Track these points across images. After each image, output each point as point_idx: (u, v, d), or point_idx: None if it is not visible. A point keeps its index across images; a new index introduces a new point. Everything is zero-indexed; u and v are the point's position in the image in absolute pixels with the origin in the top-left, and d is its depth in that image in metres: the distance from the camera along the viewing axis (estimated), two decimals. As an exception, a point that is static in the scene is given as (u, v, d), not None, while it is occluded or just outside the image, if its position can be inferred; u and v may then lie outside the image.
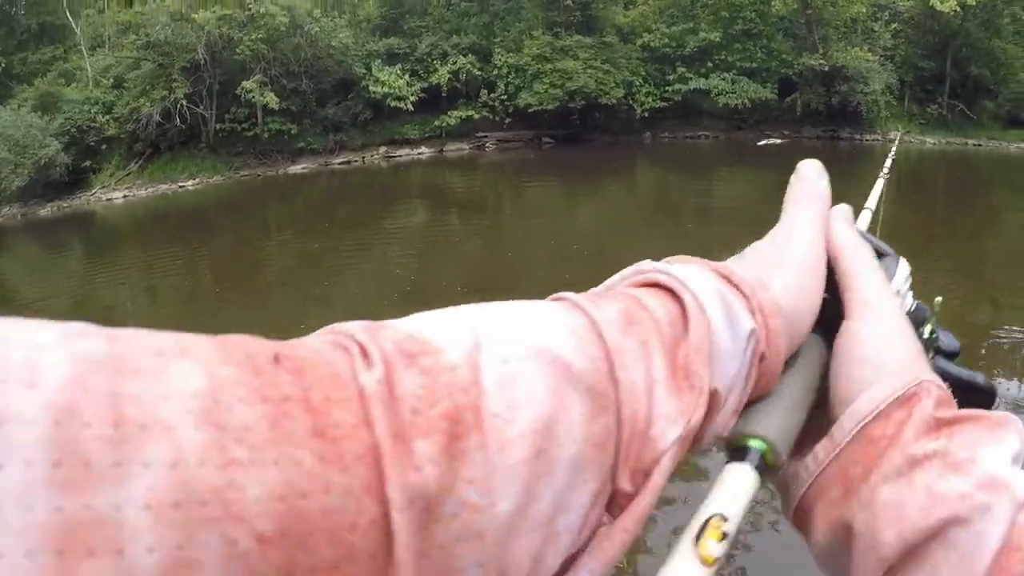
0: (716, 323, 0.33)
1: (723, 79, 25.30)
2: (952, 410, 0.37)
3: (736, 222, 13.33)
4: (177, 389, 0.20)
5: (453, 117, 24.85)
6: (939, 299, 0.53)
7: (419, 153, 25.16)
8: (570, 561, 0.28)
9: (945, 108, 27.62)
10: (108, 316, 9.81)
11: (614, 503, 0.30)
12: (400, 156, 25.04)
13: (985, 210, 16.22)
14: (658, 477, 0.30)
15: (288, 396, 0.21)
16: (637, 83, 25.31)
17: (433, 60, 24.94)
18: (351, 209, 18.19)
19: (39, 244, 19.27)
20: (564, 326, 0.30)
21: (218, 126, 24.20)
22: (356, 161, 24.88)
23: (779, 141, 25.34)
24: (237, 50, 23.83)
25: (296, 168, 24.31)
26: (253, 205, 20.65)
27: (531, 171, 22.98)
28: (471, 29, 26.06)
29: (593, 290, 0.37)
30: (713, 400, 0.32)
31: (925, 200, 18.12)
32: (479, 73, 24.93)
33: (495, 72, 25.08)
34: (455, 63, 24.67)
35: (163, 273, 12.82)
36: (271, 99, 23.21)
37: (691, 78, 25.29)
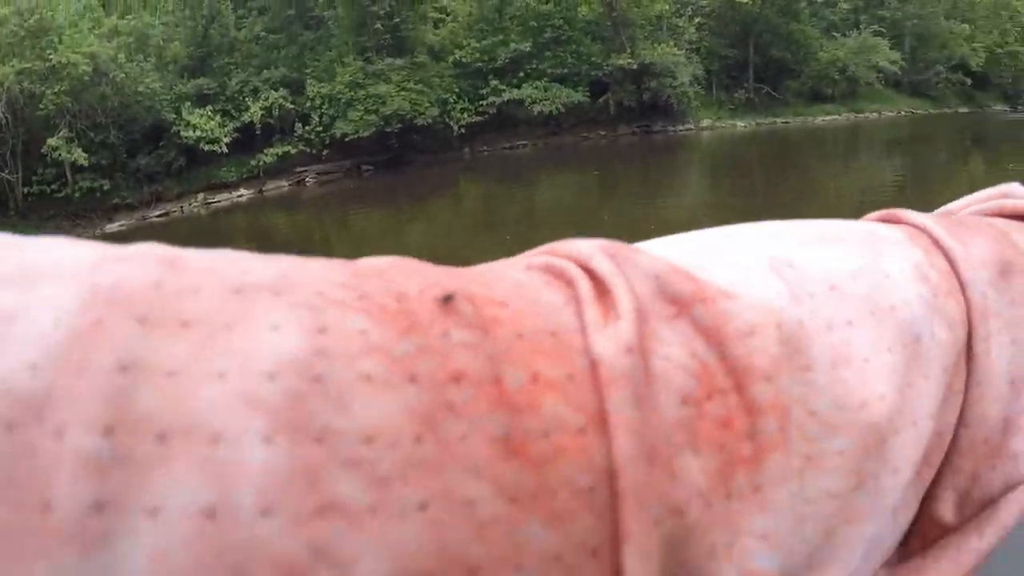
0: None
1: (536, 87, 26.33)
2: None
3: (563, 223, 14.41)
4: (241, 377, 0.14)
5: (269, 155, 25.06)
6: None
7: (239, 195, 25.30)
8: None
9: (752, 92, 29.61)
10: None
11: (916, 535, 0.20)
12: (219, 201, 25.13)
13: (801, 181, 17.91)
14: (1006, 514, 0.19)
15: (461, 373, 0.14)
16: (451, 100, 26.07)
17: (244, 97, 25.01)
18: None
19: None
20: (914, 270, 0.20)
21: (26, 190, 23.73)
22: (175, 211, 24.86)
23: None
24: (40, 105, 23.31)
25: (112, 226, 24.10)
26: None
27: (354, 201, 23.55)
28: (281, 62, 26.18)
29: (940, 211, 0.29)
30: None
31: (744, 180, 19.75)
32: (292, 106, 25.16)
33: (308, 104, 25.37)
34: (267, 99, 24.83)
35: None
36: (79, 155, 22.90)
37: (504, 89, 26.22)
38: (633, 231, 13.72)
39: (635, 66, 26.46)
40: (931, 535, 0.20)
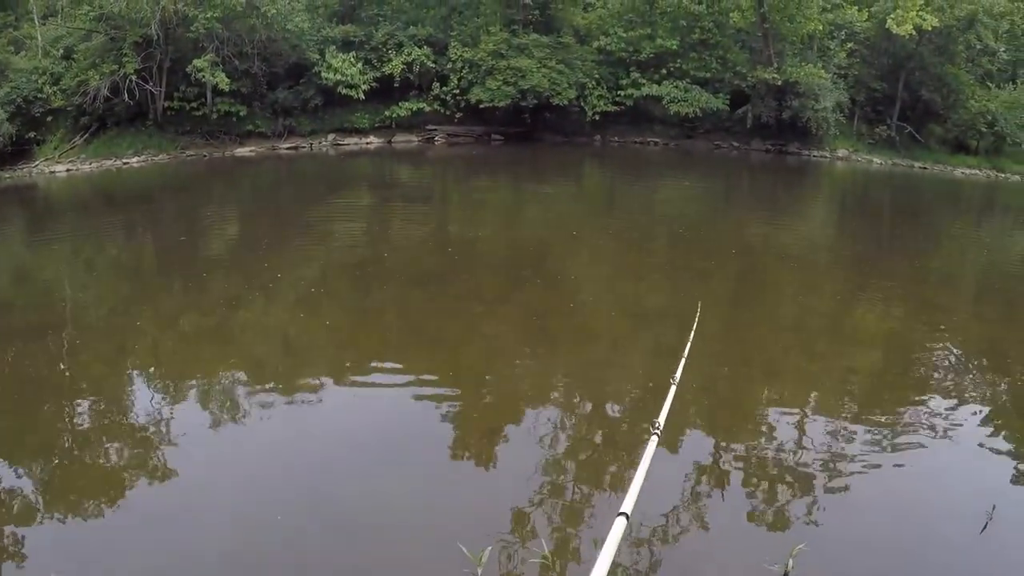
0: None
1: (676, 87, 26.02)
2: None
3: (678, 226, 13.99)
4: None
5: (404, 108, 25.32)
6: None
7: (367, 142, 25.59)
8: None
9: (894, 130, 28.67)
10: (47, 291, 10.18)
11: None
12: (348, 144, 25.46)
13: (928, 232, 17.02)
14: None
15: None
16: (590, 85, 25.95)
17: (388, 50, 25.37)
18: (297, 194, 18.65)
19: (-23, 214, 19.40)
20: None
21: (166, 104, 24.47)
22: (304, 147, 25.27)
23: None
24: (191, 27, 24.08)
25: (243, 150, 24.63)
26: (198, 184, 21.01)
27: (479, 166, 23.58)
28: (428, 21, 26.54)
29: None
30: None
31: (870, 220, 18.91)
32: (433, 65, 25.41)
33: (449, 66, 25.59)
34: (410, 54, 25.13)
35: (105, 250, 13.14)
36: (222, 79, 23.51)
37: (644, 84, 25.99)
38: (748, 247, 13.10)
39: (779, 82, 25.95)
40: None
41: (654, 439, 2.70)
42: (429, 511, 4.68)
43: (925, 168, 28.88)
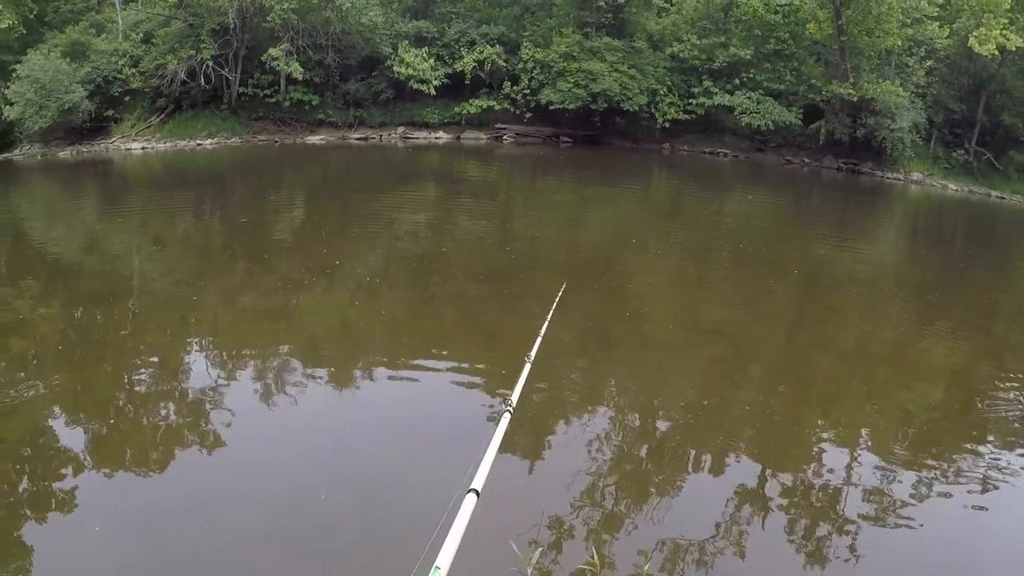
0: None
1: (749, 98, 25.57)
2: None
3: (743, 241, 13.60)
4: None
5: (474, 106, 25.29)
6: None
7: (436, 137, 25.61)
8: None
9: (971, 155, 27.74)
10: (115, 263, 10.26)
11: None
12: (417, 138, 25.51)
13: (1001, 265, 16.29)
14: None
15: None
16: (661, 92, 25.66)
17: (460, 47, 25.41)
18: (365, 183, 18.66)
19: (56, 184, 19.86)
20: None
21: (241, 89, 24.80)
22: (373, 138, 25.38)
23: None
24: (267, 17, 24.40)
25: (313, 138, 24.83)
26: (269, 168, 21.21)
27: (546, 167, 23.39)
28: (501, 20, 26.56)
29: None
30: None
31: (942, 249, 18.24)
32: (504, 64, 25.37)
33: (520, 65, 25.52)
34: (482, 52, 25.14)
35: (173, 225, 13.27)
36: (296, 69, 23.78)
37: (716, 93, 25.58)
38: (813, 268, 12.51)
39: (855, 98, 25.30)
40: None
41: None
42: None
43: (1003, 198, 27.81)
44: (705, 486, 5.04)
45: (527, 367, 3.48)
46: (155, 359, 6.70)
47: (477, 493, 2.08)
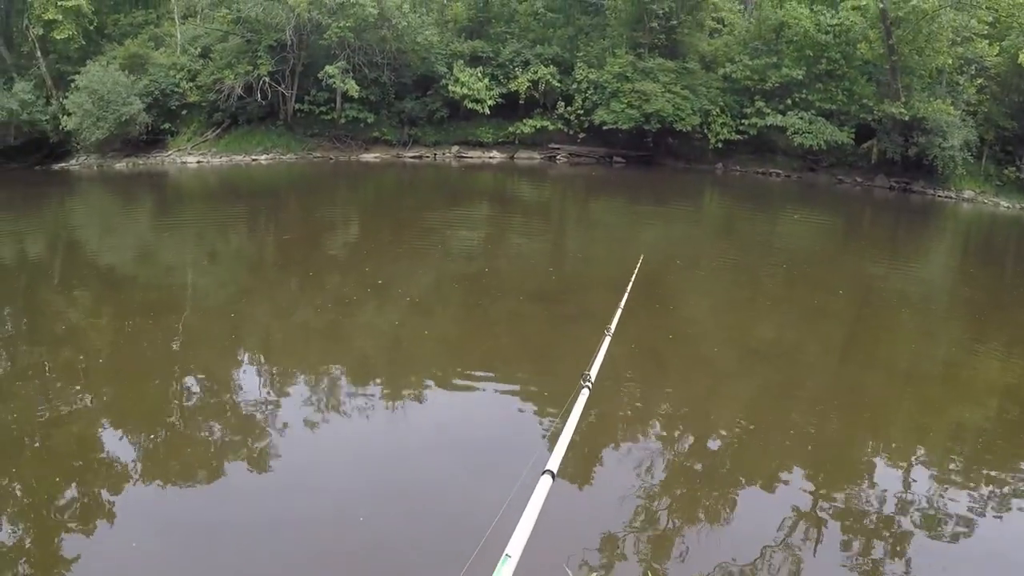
0: None
1: (801, 118, 25.59)
2: None
3: (796, 260, 13.67)
4: None
5: (528, 125, 25.49)
6: None
7: (490, 156, 25.82)
8: None
9: (1023, 172, 27.52)
10: (167, 276, 10.48)
11: None
12: (471, 157, 25.73)
13: None
14: None
15: None
16: (714, 113, 25.73)
17: (515, 67, 25.63)
18: (419, 201, 18.86)
19: (112, 195, 20.22)
20: None
21: (297, 106, 25.13)
22: (428, 157, 25.63)
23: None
24: (324, 35, 24.74)
25: (368, 156, 25.11)
26: (324, 185, 21.47)
27: (600, 187, 23.55)
28: (555, 41, 26.74)
29: None
30: None
31: (992, 269, 18.20)
32: (558, 85, 25.55)
33: (574, 86, 25.69)
34: (536, 72, 25.33)
35: (226, 240, 13.44)
36: (352, 86, 24.07)
37: (768, 113, 25.62)
38: (864, 286, 12.52)
39: (906, 117, 25.27)
40: None
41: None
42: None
43: (1054, 215, 27.67)
44: (759, 507, 5.04)
45: (607, 339, 3.40)
46: (203, 373, 6.80)
47: (553, 475, 1.98)
